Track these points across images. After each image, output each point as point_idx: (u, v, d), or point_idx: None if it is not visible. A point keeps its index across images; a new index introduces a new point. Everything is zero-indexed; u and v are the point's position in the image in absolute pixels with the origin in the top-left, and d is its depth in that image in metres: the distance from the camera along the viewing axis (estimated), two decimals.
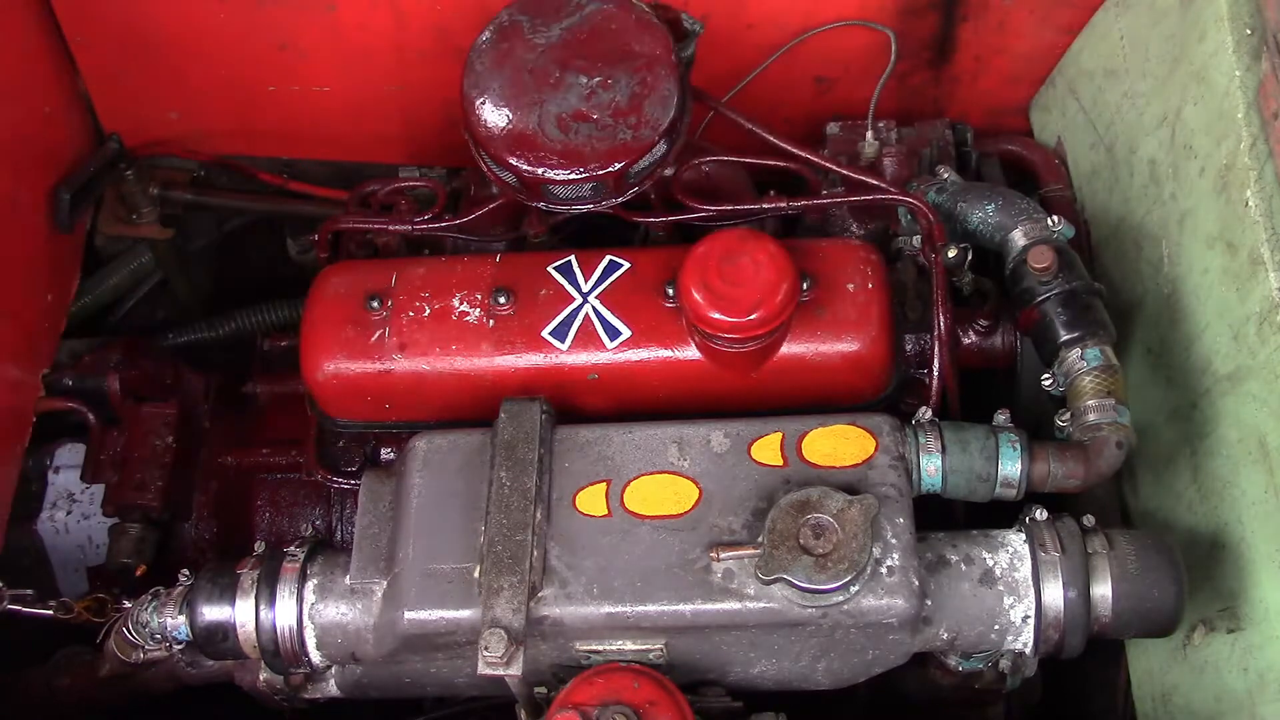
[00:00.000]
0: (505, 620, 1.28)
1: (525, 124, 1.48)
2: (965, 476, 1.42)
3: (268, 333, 2.06)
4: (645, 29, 1.51)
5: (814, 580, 1.28)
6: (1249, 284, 1.39)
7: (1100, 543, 1.38)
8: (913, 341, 1.65)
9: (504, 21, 1.53)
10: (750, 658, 1.40)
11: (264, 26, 1.90)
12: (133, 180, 2.07)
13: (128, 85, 2.01)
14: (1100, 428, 1.42)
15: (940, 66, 1.97)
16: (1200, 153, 1.51)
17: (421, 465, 1.42)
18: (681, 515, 1.37)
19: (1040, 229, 1.55)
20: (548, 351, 1.50)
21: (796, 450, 1.40)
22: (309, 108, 2.03)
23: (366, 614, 1.41)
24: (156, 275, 2.24)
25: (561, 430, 1.43)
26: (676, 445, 1.41)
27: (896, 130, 1.86)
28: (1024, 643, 1.39)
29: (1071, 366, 1.47)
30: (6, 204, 1.82)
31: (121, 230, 2.14)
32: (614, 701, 1.27)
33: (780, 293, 1.40)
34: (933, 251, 1.59)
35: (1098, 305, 1.49)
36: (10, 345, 1.83)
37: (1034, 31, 1.89)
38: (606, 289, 1.52)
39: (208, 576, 1.45)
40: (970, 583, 1.38)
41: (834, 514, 1.30)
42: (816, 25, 1.86)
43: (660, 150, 1.50)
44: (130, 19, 1.91)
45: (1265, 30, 1.42)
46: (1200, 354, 1.50)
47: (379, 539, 1.43)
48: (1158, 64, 1.63)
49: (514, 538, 1.33)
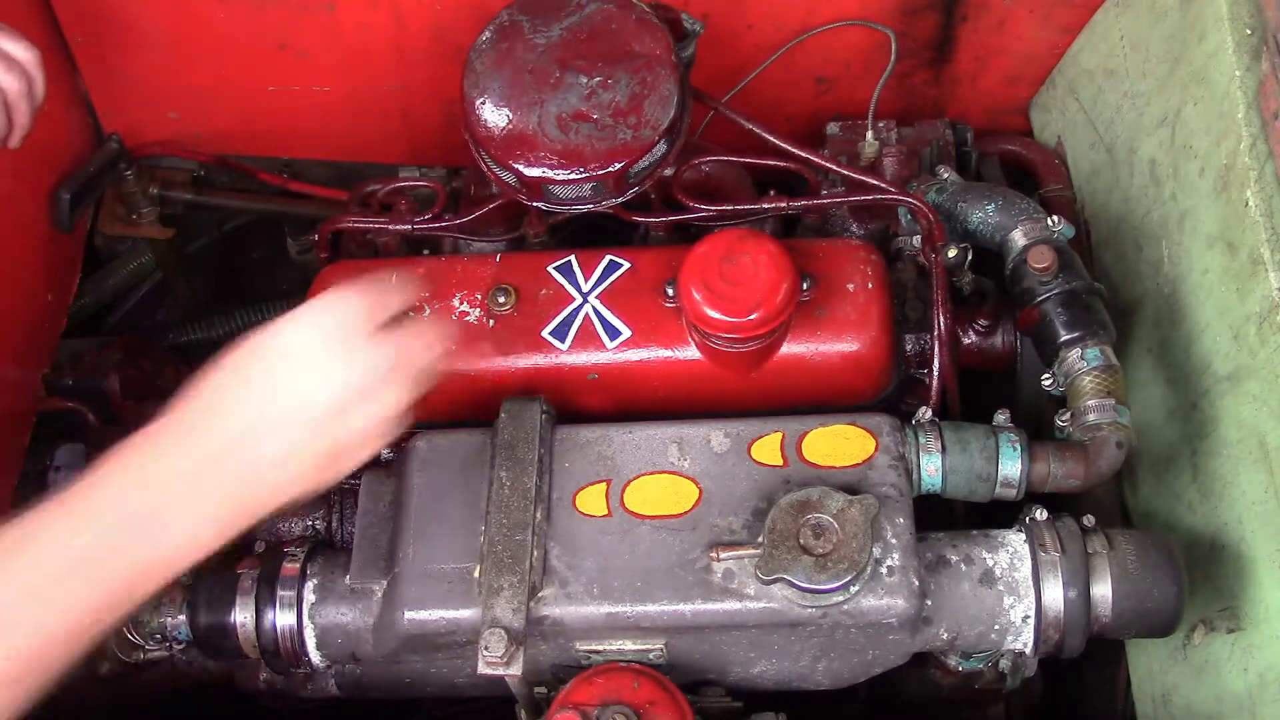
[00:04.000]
0: (505, 620, 1.28)
1: (525, 124, 1.48)
2: (965, 476, 1.42)
3: None
4: (645, 29, 1.51)
5: (814, 580, 1.28)
6: (1249, 284, 1.39)
7: (1100, 543, 1.38)
8: (913, 341, 1.65)
9: (504, 21, 1.53)
10: (750, 658, 1.40)
11: (264, 26, 1.90)
12: (133, 180, 2.07)
13: (128, 85, 2.01)
14: (1100, 428, 1.42)
15: (940, 66, 1.97)
16: (1200, 153, 1.51)
17: (421, 465, 1.42)
18: (681, 515, 1.37)
19: (1040, 229, 1.55)
20: (548, 351, 1.50)
21: (796, 450, 1.40)
22: (309, 108, 2.03)
23: (366, 614, 1.41)
24: (156, 275, 2.24)
25: (561, 430, 1.43)
26: (676, 445, 1.41)
27: (896, 130, 1.86)
28: (1024, 643, 1.39)
29: (1071, 366, 1.47)
30: (6, 204, 1.82)
31: (121, 230, 2.14)
32: (614, 701, 1.27)
33: (780, 293, 1.40)
34: (933, 251, 1.59)
35: (1098, 305, 1.49)
36: (10, 345, 1.83)
37: (1034, 31, 1.89)
38: (606, 289, 1.52)
39: (208, 576, 1.45)
40: (970, 583, 1.38)
41: (834, 514, 1.30)
42: (816, 25, 1.86)
43: (660, 150, 1.50)
44: (130, 19, 1.91)
45: (1265, 30, 1.42)
46: (1200, 354, 1.50)
47: (379, 539, 1.43)
48: (1158, 64, 1.63)
49: (514, 538, 1.33)
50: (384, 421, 1.14)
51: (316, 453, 1.12)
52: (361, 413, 1.12)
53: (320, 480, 1.14)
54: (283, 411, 1.10)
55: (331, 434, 1.12)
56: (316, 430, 1.11)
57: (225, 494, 1.09)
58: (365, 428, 1.13)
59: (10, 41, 1.50)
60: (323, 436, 1.11)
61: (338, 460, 1.14)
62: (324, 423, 1.11)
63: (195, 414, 1.10)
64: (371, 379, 1.12)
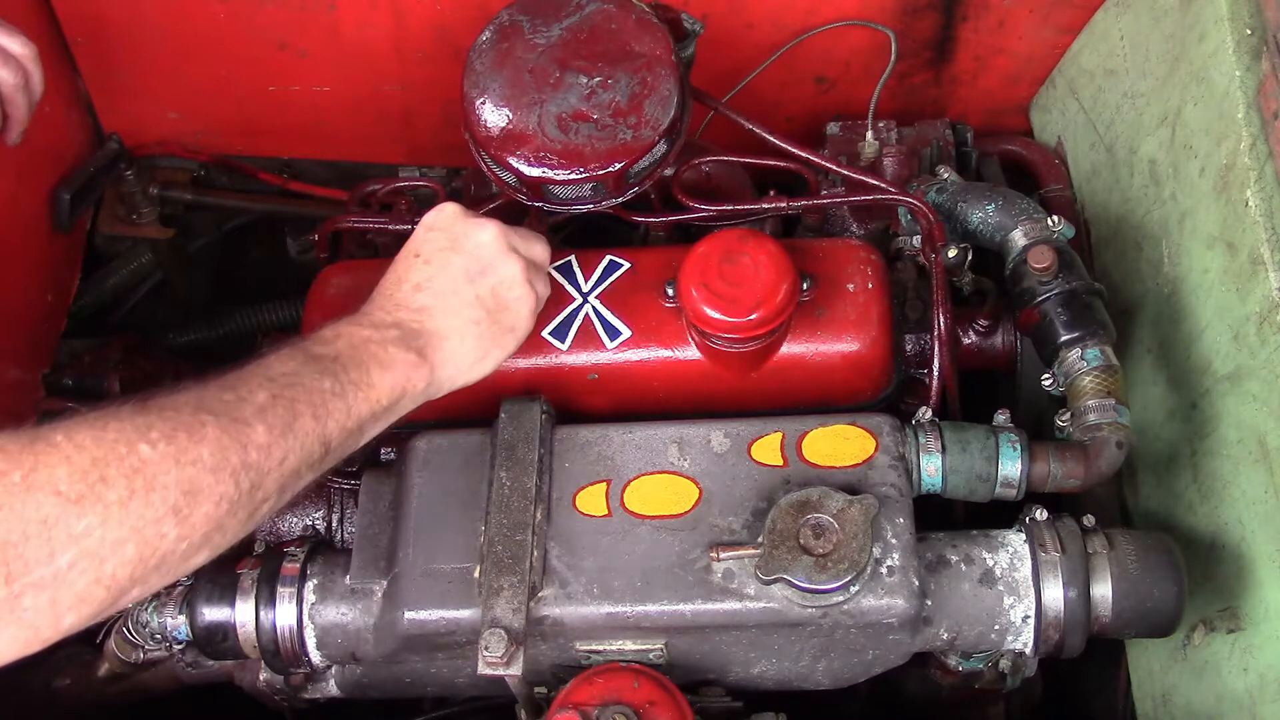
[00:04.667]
0: (505, 620, 1.28)
1: (525, 124, 1.48)
2: (965, 476, 1.42)
3: (268, 333, 2.06)
4: (645, 29, 1.51)
5: (814, 580, 1.28)
6: (1249, 284, 1.39)
7: (1100, 543, 1.38)
8: (913, 341, 1.65)
9: (504, 21, 1.53)
10: (750, 658, 1.40)
11: (264, 26, 1.90)
12: (133, 180, 2.07)
13: (128, 85, 2.01)
14: (1100, 428, 1.42)
15: (940, 66, 1.97)
16: (1200, 153, 1.51)
17: (421, 465, 1.42)
18: (681, 515, 1.37)
19: (1040, 229, 1.55)
20: (547, 352, 1.50)
21: (796, 450, 1.40)
22: (309, 108, 2.03)
23: (366, 614, 1.41)
24: (156, 275, 2.24)
25: (561, 430, 1.43)
26: (676, 445, 1.41)
27: (896, 130, 1.86)
28: (1024, 643, 1.39)
29: (1071, 366, 1.47)
30: (6, 204, 1.82)
31: (121, 230, 2.14)
32: (614, 701, 1.27)
33: (780, 293, 1.40)
34: (933, 251, 1.59)
35: (1098, 305, 1.49)
36: (10, 345, 1.83)
37: (1034, 31, 1.89)
38: (606, 289, 1.52)
39: (208, 576, 1.45)
40: (970, 583, 1.38)
41: (834, 514, 1.30)
42: (816, 25, 1.86)
43: (660, 150, 1.50)
44: (130, 19, 1.91)
45: (1265, 30, 1.42)
46: (1200, 354, 1.50)
47: (379, 539, 1.43)
48: (1158, 64, 1.63)
49: (514, 538, 1.33)
50: (539, 303, 1.40)
51: (494, 323, 1.34)
52: (528, 291, 1.37)
53: (494, 351, 1.35)
54: (466, 286, 1.34)
55: (511, 305, 1.36)
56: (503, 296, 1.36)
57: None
58: (531, 307, 1.38)
59: (7, 36, 1.51)
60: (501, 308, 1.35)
61: (507, 334, 1.36)
62: (503, 292, 1.35)
63: (391, 288, 1.33)
64: (531, 266, 1.38)
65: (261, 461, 1.08)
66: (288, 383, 1.15)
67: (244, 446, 1.07)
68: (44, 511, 0.93)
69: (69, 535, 0.94)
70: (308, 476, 1.16)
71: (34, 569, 0.92)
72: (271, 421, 1.11)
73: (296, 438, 1.13)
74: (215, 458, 1.04)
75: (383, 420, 1.25)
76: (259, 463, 1.08)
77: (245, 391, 1.11)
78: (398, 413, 1.27)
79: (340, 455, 1.21)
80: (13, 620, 0.92)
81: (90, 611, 0.98)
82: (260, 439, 1.09)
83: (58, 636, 0.96)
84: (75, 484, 0.95)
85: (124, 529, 0.97)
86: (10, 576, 0.91)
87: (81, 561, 0.94)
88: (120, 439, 0.99)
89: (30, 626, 0.93)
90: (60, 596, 0.94)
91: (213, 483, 1.03)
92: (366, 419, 1.21)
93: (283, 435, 1.11)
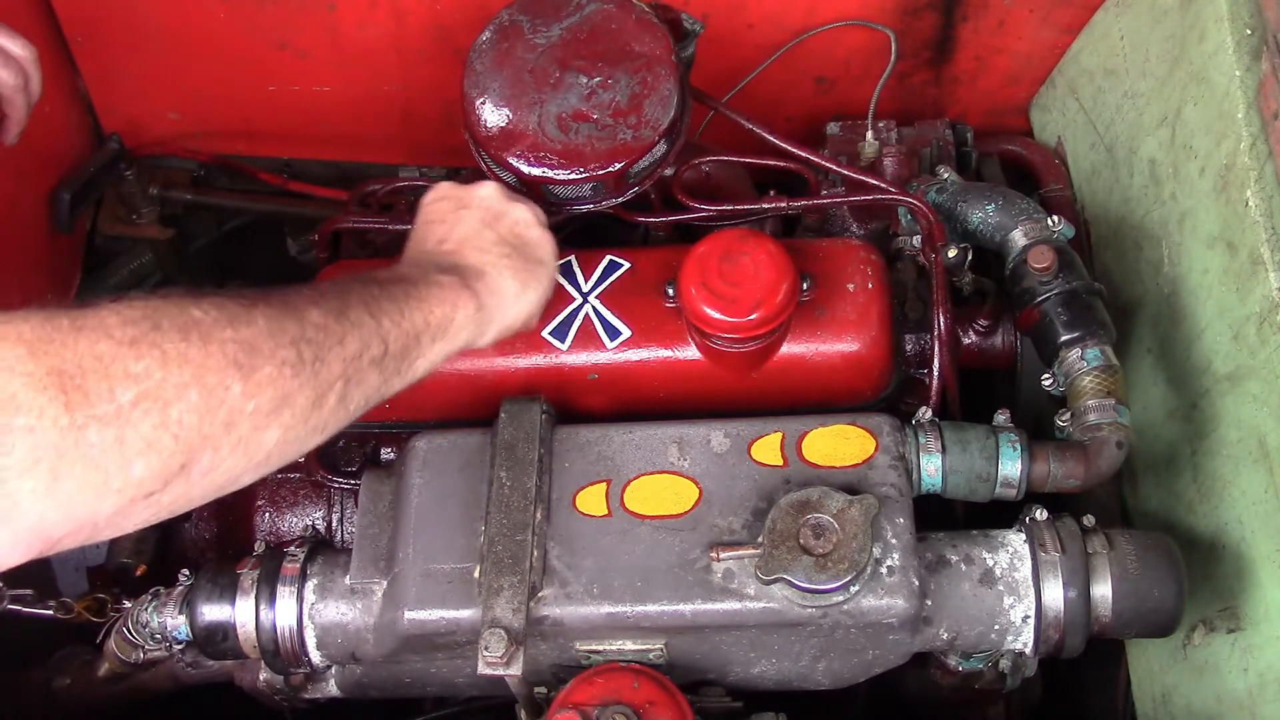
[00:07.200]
0: (505, 620, 1.28)
1: (525, 124, 1.48)
2: (965, 476, 1.42)
3: None
4: (645, 29, 1.51)
5: (814, 580, 1.28)
6: (1249, 284, 1.39)
7: (1100, 543, 1.38)
8: (913, 341, 1.65)
9: (504, 21, 1.53)
10: (750, 658, 1.40)
11: (264, 26, 1.90)
12: (133, 180, 2.07)
13: (128, 85, 2.02)
14: (1100, 428, 1.42)
15: (940, 66, 1.97)
16: (1200, 153, 1.51)
17: (421, 465, 1.42)
18: (681, 515, 1.37)
19: (1040, 229, 1.55)
20: (547, 351, 1.50)
21: (796, 450, 1.40)
22: (309, 108, 2.03)
23: (366, 614, 1.41)
24: (156, 275, 2.24)
25: (561, 430, 1.43)
26: (676, 445, 1.41)
27: (896, 130, 1.86)
28: (1024, 643, 1.39)
29: (1071, 366, 1.47)
30: (6, 204, 1.82)
31: (121, 230, 2.14)
32: (614, 701, 1.27)
33: (780, 293, 1.40)
34: (933, 251, 1.59)
35: (1098, 305, 1.49)
36: None
37: (1034, 31, 1.89)
38: (606, 289, 1.52)
39: (208, 576, 1.45)
40: (970, 583, 1.38)
41: (834, 514, 1.30)
42: (816, 25, 1.86)
43: (660, 150, 1.50)
44: (130, 19, 1.91)
45: (1265, 30, 1.42)
46: (1200, 354, 1.50)
47: (379, 539, 1.43)
48: (1158, 64, 1.63)
49: (514, 538, 1.33)
50: (554, 256, 1.42)
51: (516, 268, 1.35)
52: (545, 232, 1.41)
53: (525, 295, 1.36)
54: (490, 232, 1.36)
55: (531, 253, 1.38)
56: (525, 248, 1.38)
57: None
58: (552, 245, 1.41)
59: (7, 38, 1.51)
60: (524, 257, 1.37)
61: (538, 266, 1.39)
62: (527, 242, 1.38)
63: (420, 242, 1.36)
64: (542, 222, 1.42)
65: (319, 337, 1.04)
66: (332, 289, 1.12)
67: (300, 321, 1.03)
68: (98, 349, 0.88)
69: (126, 373, 0.89)
70: (372, 377, 1.11)
71: (96, 403, 0.86)
72: (325, 307, 1.07)
73: (352, 323, 1.09)
74: (271, 324, 1.00)
75: (438, 342, 1.21)
76: (316, 338, 1.04)
77: (291, 291, 1.08)
78: (451, 339, 1.23)
79: (401, 372, 1.16)
80: (79, 457, 0.86)
81: (159, 463, 0.91)
82: (315, 318, 1.05)
83: (129, 491, 0.90)
84: (128, 329, 0.90)
85: (185, 374, 0.92)
86: (70, 405, 0.85)
87: (144, 401, 0.89)
88: (169, 302, 0.95)
89: (99, 468, 0.87)
90: (126, 436, 0.88)
91: (272, 346, 0.99)
92: (421, 329, 1.18)
93: (338, 319, 1.07)
